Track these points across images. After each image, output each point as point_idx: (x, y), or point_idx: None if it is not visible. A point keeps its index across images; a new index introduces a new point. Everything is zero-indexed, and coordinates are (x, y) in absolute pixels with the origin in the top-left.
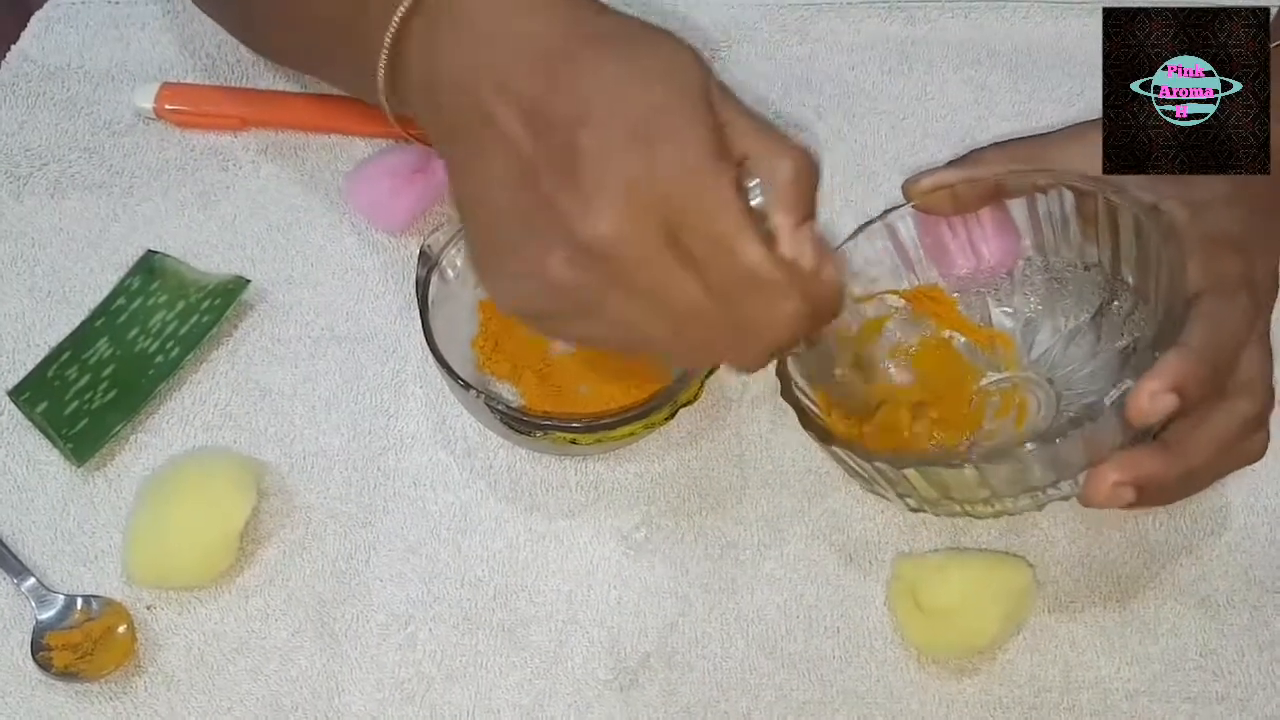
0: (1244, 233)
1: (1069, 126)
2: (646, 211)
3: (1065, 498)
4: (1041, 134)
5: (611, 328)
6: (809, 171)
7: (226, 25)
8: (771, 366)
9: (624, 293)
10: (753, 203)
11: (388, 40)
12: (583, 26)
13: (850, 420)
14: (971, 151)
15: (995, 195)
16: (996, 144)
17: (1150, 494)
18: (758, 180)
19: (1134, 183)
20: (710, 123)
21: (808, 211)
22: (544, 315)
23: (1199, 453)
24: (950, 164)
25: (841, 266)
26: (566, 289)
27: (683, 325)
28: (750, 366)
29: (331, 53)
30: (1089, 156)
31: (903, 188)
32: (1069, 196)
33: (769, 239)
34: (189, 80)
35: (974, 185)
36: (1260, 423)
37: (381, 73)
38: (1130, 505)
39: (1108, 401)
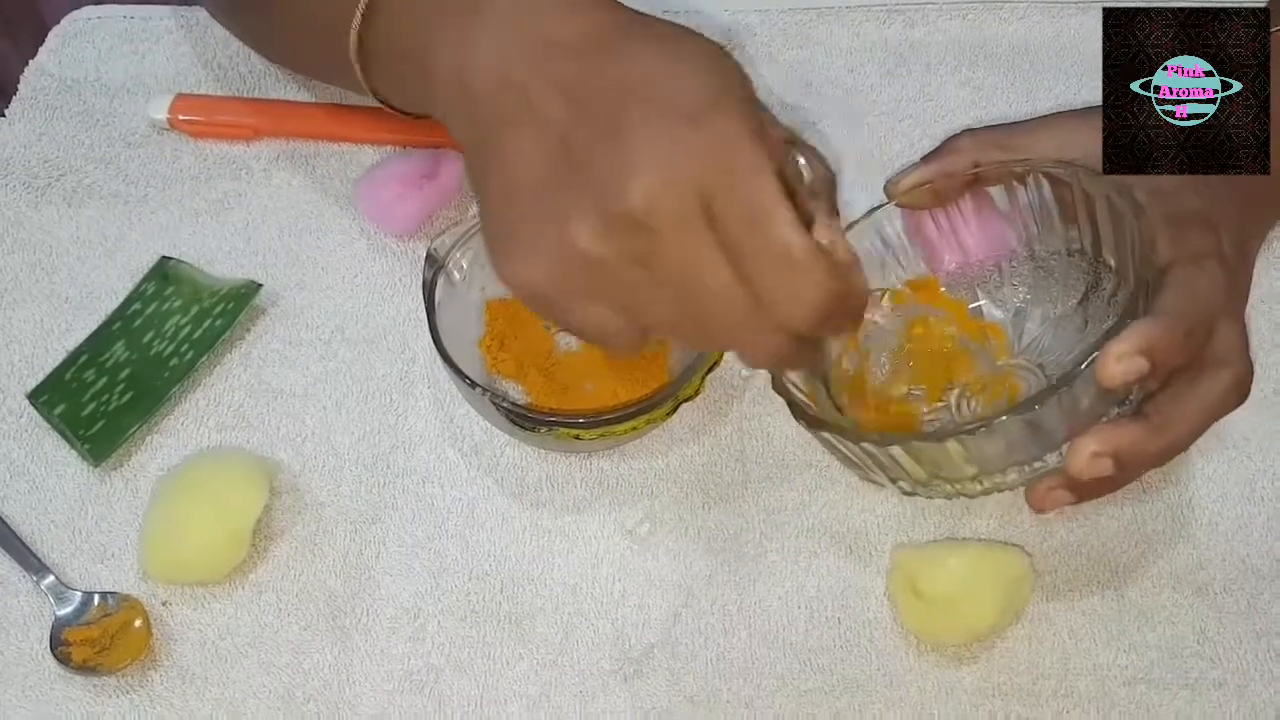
0: (1206, 209)
1: (1042, 116)
2: (686, 182)
3: (1053, 472)
4: (1015, 121)
5: (624, 309)
6: (832, 172)
7: (239, 34)
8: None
9: (647, 266)
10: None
11: (353, 29)
12: (619, 17)
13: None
14: (946, 140)
15: (973, 184)
16: (969, 130)
17: (1131, 466)
18: (803, 160)
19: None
20: (755, 107)
21: (835, 207)
22: (558, 295)
23: (1180, 425)
24: (926, 158)
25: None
26: (589, 262)
27: (703, 304)
28: (759, 355)
29: (319, 51)
30: (1061, 143)
31: (884, 188)
32: (1047, 184)
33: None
34: (202, 91)
35: (952, 178)
36: (1241, 394)
37: (355, 62)
38: (1113, 478)
39: (1083, 368)
